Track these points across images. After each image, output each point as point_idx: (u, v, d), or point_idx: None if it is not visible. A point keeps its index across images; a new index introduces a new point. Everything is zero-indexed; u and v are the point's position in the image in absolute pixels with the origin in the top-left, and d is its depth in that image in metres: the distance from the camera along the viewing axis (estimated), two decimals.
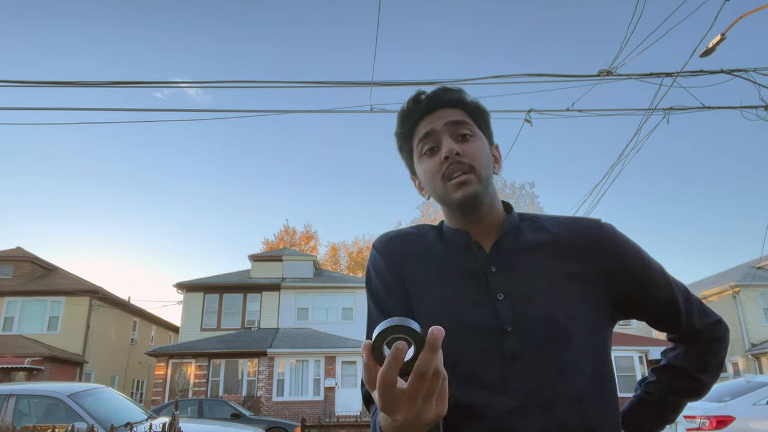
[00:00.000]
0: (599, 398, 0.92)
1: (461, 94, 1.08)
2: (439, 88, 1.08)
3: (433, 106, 1.06)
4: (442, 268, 1.03)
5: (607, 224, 1.09)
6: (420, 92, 1.08)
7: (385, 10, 31.37)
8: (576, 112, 8.39)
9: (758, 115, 8.10)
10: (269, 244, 42.42)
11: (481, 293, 0.98)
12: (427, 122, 1.05)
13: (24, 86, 7.49)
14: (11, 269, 24.14)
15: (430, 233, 1.10)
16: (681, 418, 6.49)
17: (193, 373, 20.73)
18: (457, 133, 1.03)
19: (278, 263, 25.77)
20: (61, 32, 40.60)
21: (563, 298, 0.96)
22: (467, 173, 1.00)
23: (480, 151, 1.03)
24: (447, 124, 1.03)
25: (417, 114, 1.07)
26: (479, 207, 1.03)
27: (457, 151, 1.00)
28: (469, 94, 1.10)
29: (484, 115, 1.10)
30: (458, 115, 1.05)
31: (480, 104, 1.10)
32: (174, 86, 49.41)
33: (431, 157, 1.04)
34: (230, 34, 47.87)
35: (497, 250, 1.02)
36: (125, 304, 26.55)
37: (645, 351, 20.99)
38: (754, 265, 25.25)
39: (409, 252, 1.07)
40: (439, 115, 1.05)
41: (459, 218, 1.05)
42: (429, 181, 1.05)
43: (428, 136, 1.04)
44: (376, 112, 8.42)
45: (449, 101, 1.06)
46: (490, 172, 1.04)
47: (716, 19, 6.97)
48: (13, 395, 6.33)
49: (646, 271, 1.05)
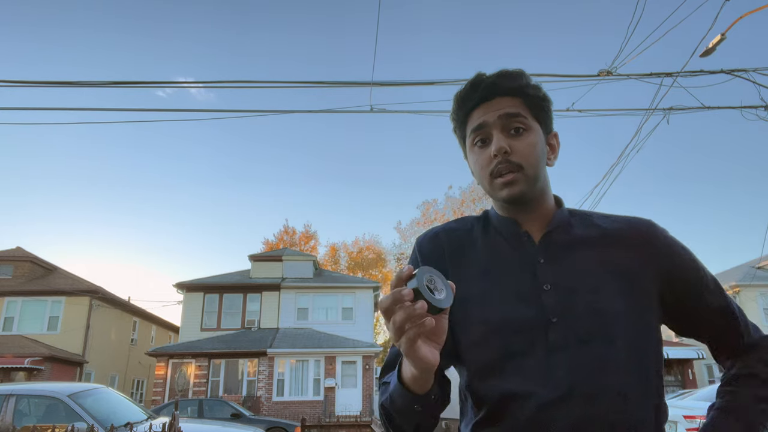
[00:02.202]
0: (642, 395, 0.92)
1: (521, 80, 1.04)
2: (498, 73, 1.04)
3: (490, 95, 1.03)
4: (488, 261, 1.04)
5: (660, 226, 1.07)
6: (479, 75, 1.04)
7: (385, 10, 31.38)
8: (576, 112, 8.39)
9: (758, 115, 8.10)
10: (269, 244, 42.41)
11: (527, 284, 0.99)
12: (481, 111, 1.03)
13: (24, 86, 7.49)
14: (11, 269, 24.13)
15: (475, 226, 1.11)
16: (681, 418, 6.49)
17: (193, 373, 20.73)
18: (510, 126, 1.01)
19: (278, 263, 25.77)
20: (62, 32, 40.61)
21: (611, 294, 0.95)
22: (515, 172, 0.99)
23: (531, 147, 1.01)
24: (500, 117, 1.01)
25: (473, 101, 1.04)
26: (527, 203, 1.03)
27: (506, 150, 0.99)
28: (530, 78, 1.05)
29: (544, 103, 1.06)
30: (514, 106, 1.02)
31: (540, 91, 1.06)
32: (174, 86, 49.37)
33: (482, 149, 1.03)
34: (230, 34, 47.88)
35: (547, 241, 1.03)
36: (125, 304, 26.54)
37: None
38: (754, 265, 25.25)
39: (452, 243, 1.08)
40: (495, 105, 1.02)
41: (507, 209, 1.07)
42: (478, 174, 1.05)
43: (481, 128, 1.03)
44: (376, 112, 8.41)
45: (507, 90, 1.03)
46: (541, 166, 1.03)
47: (716, 19, 6.97)
48: (13, 395, 6.33)
49: (699, 276, 1.03)
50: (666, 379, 21.57)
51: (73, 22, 40.78)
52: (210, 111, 13.15)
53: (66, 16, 40.85)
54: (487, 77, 1.03)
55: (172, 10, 44.36)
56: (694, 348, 21.60)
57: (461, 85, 1.08)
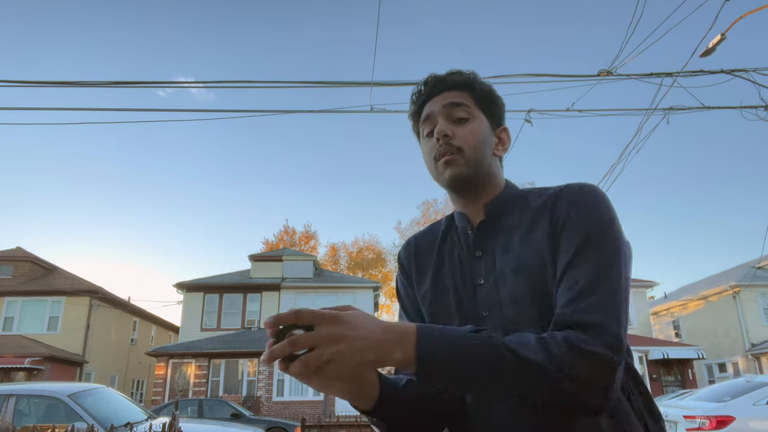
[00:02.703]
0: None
1: (469, 76, 1.08)
2: (448, 71, 1.09)
3: (439, 89, 1.07)
4: (441, 262, 1.08)
5: (584, 187, 0.95)
6: (430, 75, 1.09)
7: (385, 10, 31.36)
8: (576, 112, 8.39)
9: (758, 115, 8.10)
10: (269, 244, 42.40)
11: (467, 281, 1.02)
12: (430, 105, 1.07)
13: (24, 86, 7.49)
14: (11, 269, 24.13)
15: (442, 225, 1.15)
16: (681, 418, 6.49)
17: (193, 373, 20.73)
18: (454, 115, 1.04)
19: (278, 263, 25.77)
20: (62, 32, 40.62)
21: (529, 275, 0.92)
22: (454, 154, 1.01)
23: (473, 133, 1.03)
24: (445, 105, 1.04)
25: (423, 96, 1.09)
26: (471, 189, 1.04)
27: (446, 133, 1.01)
28: (479, 76, 1.09)
29: (491, 97, 1.09)
30: (459, 97, 1.05)
31: (490, 89, 1.09)
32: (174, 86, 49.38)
33: (428, 139, 1.07)
34: (231, 34, 47.89)
35: (482, 233, 1.04)
36: (125, 304, 26.54)
37: (645, 351, 20.99)
38: (754, 265, 25.25)
39: (418, 252, 1.14)
40: (441, 98, 1.06)
41: (455, 199, 1.09)
42: (426, 162, 1.08)
43: (428, 119, 1.06)
44: (376, 112, 8.41)
45: (454, 84, 1.07)
46: (483, 153, 1.03)
47: (716, 19, 6.97)
48: (13, 395, 6.33)
49: (582, 241, 0.87)
50: (666, 379, 21.59)
51: (74, 22, 40.81)
52: (210, 111, 13.16)
53: (66, 16, 40.89)
54: (438, 75, 1.08)
55: (172, 10, 44.39)
56: (694, 348, 21.61)
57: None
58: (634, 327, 24.06)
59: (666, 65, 21.37)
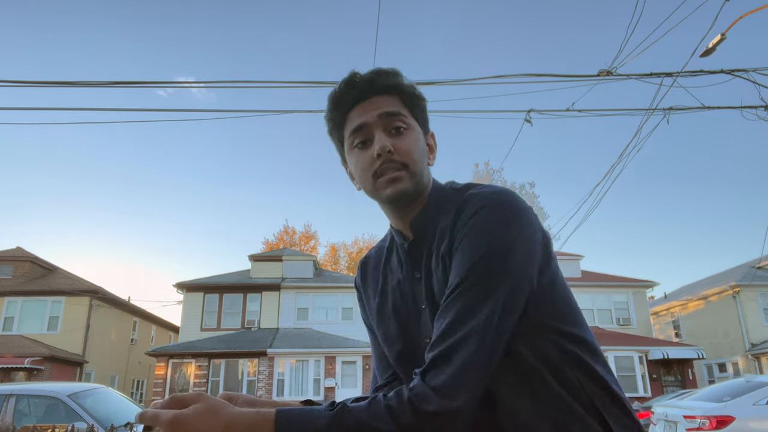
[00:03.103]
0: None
1: (397, 78, 1.01)
2: (373, 71, 1.00)
3: (367, 93, 0.99)
4: (383, 282, 1.08)
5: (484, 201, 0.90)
6: (354, 74, 1.00)
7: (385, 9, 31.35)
8: (576, 112, 8.39)
9: (758, 115, 8.11)
10: (269, 244, 42.42)
11: (408, 302, 1.01)
12: (359, 111, 0.99)
13: (24, 86, 7.49)
14: (11, 269, 24.13)
15: (387, 241, 1.13)
16: (681, 418, 6.48)
17: (193, 373, 20.73)
18: (391, 126, 0.98)
19: (278, 263, 25.78)
20: (62, 31, 40.61)
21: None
22: (399, 170, 0.96)
23: (414, 145, 0.98)
24: (380, 116, 0.97)
25: (349, 100, 1.00)
26: (409, 204, 1.00)
27: (389, 149, 0.95)
28: (405, 77, 1.02)
29: (420, 102, 1.03)
30: (393, 104, 0.99)
31: (416, 89, 1.03)
32: (174, 86, 49.46)
33: (363, 151, 0.99)
34: (231, 34, 47.89)
35: (415, 253, 1.01)
36: (125, 304, 26.55)
37: (645, 351, 20.99)
38: (754, 265, 25.25)
39: (366, 272, 1.14)
40: (373, 104, 0.98)
41: (391, 213, 1.04)
42: (360, 176, 1.01)
43: (361, 129, 0.98)
44: None
45: (384, 87, 0.99)
46: (423, 165, 1.00)
47: (716, 19, 6.98)
48: (13, 395, 6.33)
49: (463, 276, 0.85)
50: (666, 379, 21.59)
51: (74, 22, 40.80)
52: (210, 111, 13.16)
53: (66, 16, 40.88)
54: (363, 75, 1.00)
55: (172, 10, 44.39)
56: (694, 348, 21.62)
57: (463, 85, 1.11)
58: (634, 327, 24.07)
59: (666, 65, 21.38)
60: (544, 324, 0.89)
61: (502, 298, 0.83)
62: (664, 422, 6.95)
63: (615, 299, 24.72)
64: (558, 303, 0.92)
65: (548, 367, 0.87)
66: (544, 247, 0.92)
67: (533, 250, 0.88)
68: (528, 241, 0.87)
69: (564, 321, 0.91)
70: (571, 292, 0.98)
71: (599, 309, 24.40)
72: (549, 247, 0.94)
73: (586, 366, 0.90)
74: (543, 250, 0.91)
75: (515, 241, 0.85)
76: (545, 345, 0.88)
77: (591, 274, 26.15)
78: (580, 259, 26.00)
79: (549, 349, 0.88)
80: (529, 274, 0.87)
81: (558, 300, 0.92)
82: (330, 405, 0.80)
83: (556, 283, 0.93)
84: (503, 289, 0.83)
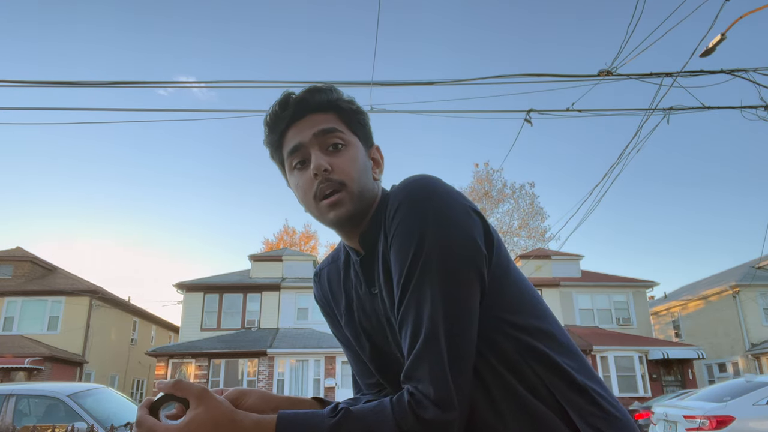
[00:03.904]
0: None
1: (332, 94, 0.99)
2: (307, 89, 0.98)
3: (301, 112, 0.97)
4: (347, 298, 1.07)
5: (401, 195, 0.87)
6: (288, 94, 0.98)
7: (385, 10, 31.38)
8: (576, 112, 8.39)
9: (758, 115, 8.11)
10: (269, 244, 42.43)
11: (372, 319, 1.00)
12: (295, 131, 0.97)
13: (24, 86, 7.49)
14: (11, 269, 24.14)
15: (341, 257, 1.11)
16: (681, 418, 6.49)
17: (193, 373, 20.74)
18: (327, 143, 0.95)
19: (278, 263, 25.80)
20: (62, 31, 40.61)
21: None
22: (338, 192, 0.93)
23: (352, 162, 0.96)
24: (316, 134, 0.95)
25: (284, 121, 0.98)
26: (356, 224, 0.98)
27: (326, 168, 0.93)
28: (342, 92, 1.00)
29: (359, 116, 1.01)
30: (328, 121, 0.97)
31: (354, 104, 1.01)
32: (174, 86, 49.48)
33: (302, 172, 0.97)
34: (231, 34, 47.88)
35: (367, 269, 1.00)
36: (125, 304, 26.56)
37: (645, 351, 20.99)
38: (754, 265, 25.26)
39: (331, 287, 1.12)
40: (308, 123, 0.96)
41: (339, 233, 1.03)
42: (302, 198, 0.99)
43: (297, 150, 0.97)
44: (376, 112, 8.42)
45: (318, 105, 0.97)
46: (366, 183, 0.97)
47: (716, 19, 6.98)
48: (13, 395, 6.33)
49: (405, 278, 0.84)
50: (666, 379, 21.59)
51: (74, 22, 40.79)
52: (210, 111, 13.17)
53: (66, 17, 40.87)
54: (297, 95, 0.98)
55: (173, 10, 44.38)
56: (695, 348, 21.62)
57: (463, 85, 1.11)
58: (634, 327, 24.06)
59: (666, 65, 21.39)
60: (499, 317, 0.86)
61: (447, 292, 0.81)
62: (664, 422, 6.95)
63: (615, 299, 24.72)
64: (512, 293, 0.89)
65: (505, 362, 0.85)
66: (482, 226, 0.88)
67: (464, 233, 0.84)
68: (455, 225, 0.83)
69: (521, 313, 0.88)
70: (527, 281, 0.94)
71: (599, 309, 24.41)
72: (487, 226, 0.89)
73: (546, 358, 0.86)
74: (481, 228, 0.87)
75: (438, 233, 0.82)
76: (501, 339, 0.85)
77: (591, 274, 26.17)
78: (580, 259, 26.02)
79: (505, 344, 0.85)
80: (469, 258, 0.83)
81: (512, 289, 0.89)
82: (332, 410, 0.79)
83: (508, 271, 0.90)
84: (445, 283, 0.81)
